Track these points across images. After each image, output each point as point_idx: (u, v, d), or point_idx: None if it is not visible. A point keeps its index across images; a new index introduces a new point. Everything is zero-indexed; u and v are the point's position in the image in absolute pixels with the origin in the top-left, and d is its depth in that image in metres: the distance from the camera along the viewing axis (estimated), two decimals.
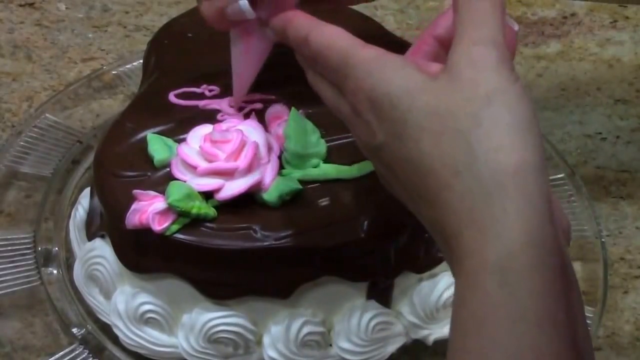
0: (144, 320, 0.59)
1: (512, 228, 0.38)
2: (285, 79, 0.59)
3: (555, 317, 0.37)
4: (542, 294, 0.37)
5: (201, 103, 0.62)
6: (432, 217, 0.41)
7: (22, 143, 0.74)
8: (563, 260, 0.39)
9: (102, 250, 0.60)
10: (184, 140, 0.58)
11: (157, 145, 0.58)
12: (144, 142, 0.58)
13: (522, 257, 0.37)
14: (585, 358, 0.39)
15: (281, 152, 0.58)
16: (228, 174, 0.55)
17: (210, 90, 0.63)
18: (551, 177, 0.74)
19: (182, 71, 0.64)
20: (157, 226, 0.54)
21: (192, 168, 0.55)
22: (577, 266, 0.68)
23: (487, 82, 0.39)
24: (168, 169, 0.57)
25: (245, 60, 0.59)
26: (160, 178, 0.56)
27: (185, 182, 0.55)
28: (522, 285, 0.37)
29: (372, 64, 0.42)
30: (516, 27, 0.45)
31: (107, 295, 0.61)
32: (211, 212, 0.54)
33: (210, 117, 0.61)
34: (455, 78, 0.40)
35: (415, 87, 0.41)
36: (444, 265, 0.59)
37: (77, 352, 0.61)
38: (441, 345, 0.60)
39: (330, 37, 0.45)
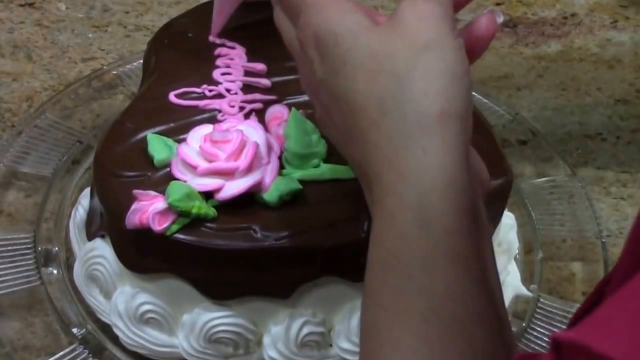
0: (144, 320, 0.59)
1: (431, 169, 0.39)
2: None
3: (466, 256, 0.39)
4: (454, 234, 0.39)
5: (201, 103, 0.62)
6: (360, 157, 0.42)
7: (22, 143, 0.74)
8: (475, 207, 0.41)
9: (102, 250, 0.60)
10: (184, 140, 0.58)
11: (157, 145, 0.58)
12: (144, 142, 0.58)
13: (438, 197, 0.39)
14: (496, 298, 0.41)
15: (281, 152, 0.58)
16: (228, 174, 0.55)
17: (210, 90, 0.63)
18: (551, 178, 0.74)
19: (182, 71, 0.64)
20: (157, 226, 0.54)
21: (192, 168, 0.55)
22: (577, 266, 0.68)
23: (429, 32, 0.41)
24: (168, 169, 0.56)
25: None
26: (160, 178, 0.56)
27: (185, 182, 0.55)
28: (437, 224, 0.39)
29: (324, 3, 0.44)
30: (501, 18, 0.45)
31: (107, 295, 0.61)
32: (211, 212, 0.54)
33: (211, 117, 0.61)
34: (399, 25, 0.42)
35: (360, 29, 0.42)
36: None
37: (77, 352, 0.61)
38: None
39: None
